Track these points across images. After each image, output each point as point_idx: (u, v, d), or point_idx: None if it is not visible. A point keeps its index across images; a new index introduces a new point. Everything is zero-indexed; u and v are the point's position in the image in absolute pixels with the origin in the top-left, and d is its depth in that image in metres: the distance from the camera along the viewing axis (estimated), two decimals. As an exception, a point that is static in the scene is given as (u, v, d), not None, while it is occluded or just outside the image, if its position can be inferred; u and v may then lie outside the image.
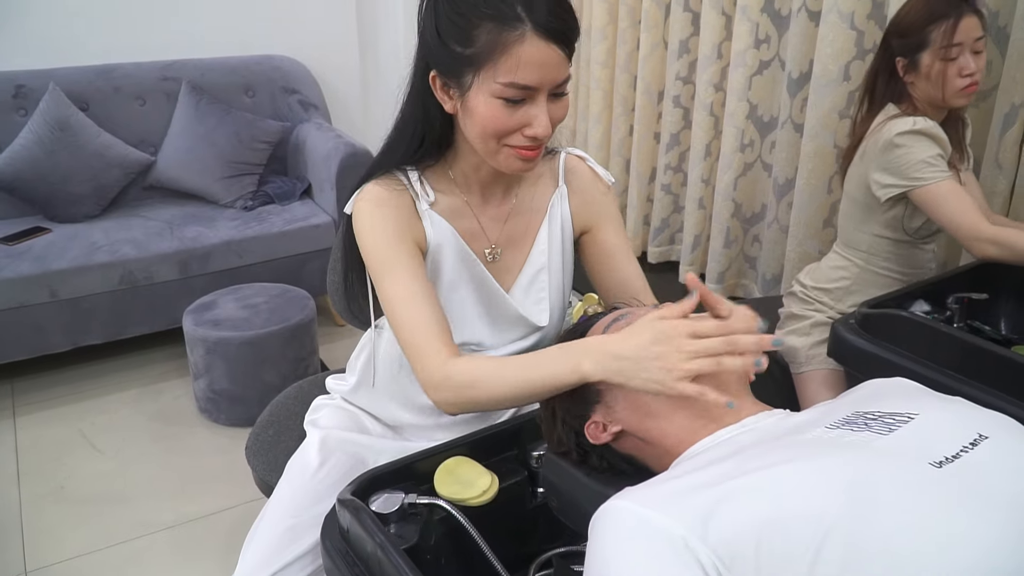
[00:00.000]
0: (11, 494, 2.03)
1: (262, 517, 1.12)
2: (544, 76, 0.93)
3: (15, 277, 2.29)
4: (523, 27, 0.90)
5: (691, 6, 2.66)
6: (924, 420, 0.67)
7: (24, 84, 2.62)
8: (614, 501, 0.64)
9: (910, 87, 1.60)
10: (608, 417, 0.86)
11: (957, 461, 0.61)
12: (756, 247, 2.71)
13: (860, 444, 0.65)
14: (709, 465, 0.67)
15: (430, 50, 0.98)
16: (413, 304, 0.99)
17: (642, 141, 3.00)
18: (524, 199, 1.15)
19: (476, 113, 0.95)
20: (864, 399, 0.76)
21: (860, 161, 1.62)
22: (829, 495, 0.58)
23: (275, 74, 3.05)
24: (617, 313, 0.93)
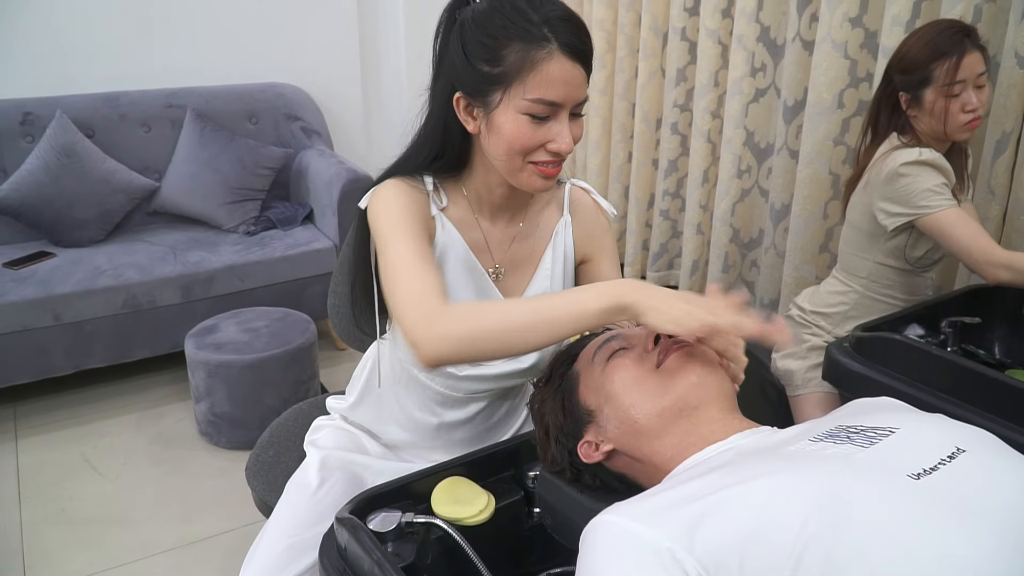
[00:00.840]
0: (12, 517, 2.03)
1: (261, 536, 1.13)
2: (568, 93, 0.97)
3: (19, 301, 2.32)
4: (550, 46, 0.95)
5: (688, 35, 2.71)
6: (904, 434, 0.69)
7: (31, 111, 2.67)
8: (603, 516, 0.66)
9: (913, 120, 1.62)
10: (600, 436, 0.88)
11: (935, 473, 0.63)
12: (754, 272, 2.73)
13: (841, 456, 0.66)
14: (694, 479, 0.69)
15: (456, 73, 1.01)
16: (418, 265, 0.98)
17: (640, 167, 3.04)
18: (530, 224, 1.18)
19: (503, 130, 0.99)
20: (849, 415, 0.78)
21: (864, 190, 1.64)
22: (808, 507, 0.59)
23: (278, 101, 3.09)
24: (610, 334, 0.95)
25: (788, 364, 1.76)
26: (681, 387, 0.82)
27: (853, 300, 1.70)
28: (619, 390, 0.86)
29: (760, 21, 2.40)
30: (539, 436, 0.97)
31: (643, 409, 0.83)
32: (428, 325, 0.91)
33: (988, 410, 1.29)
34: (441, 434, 1.22)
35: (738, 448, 0.77)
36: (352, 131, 3.47)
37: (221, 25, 3.06)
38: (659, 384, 0.84)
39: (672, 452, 0.81)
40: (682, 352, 0.85)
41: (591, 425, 0.89)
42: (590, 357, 0.92)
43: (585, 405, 0.90)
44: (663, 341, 0.88)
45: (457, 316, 0.91)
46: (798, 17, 2.24)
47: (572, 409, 0.91)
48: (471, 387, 1.16)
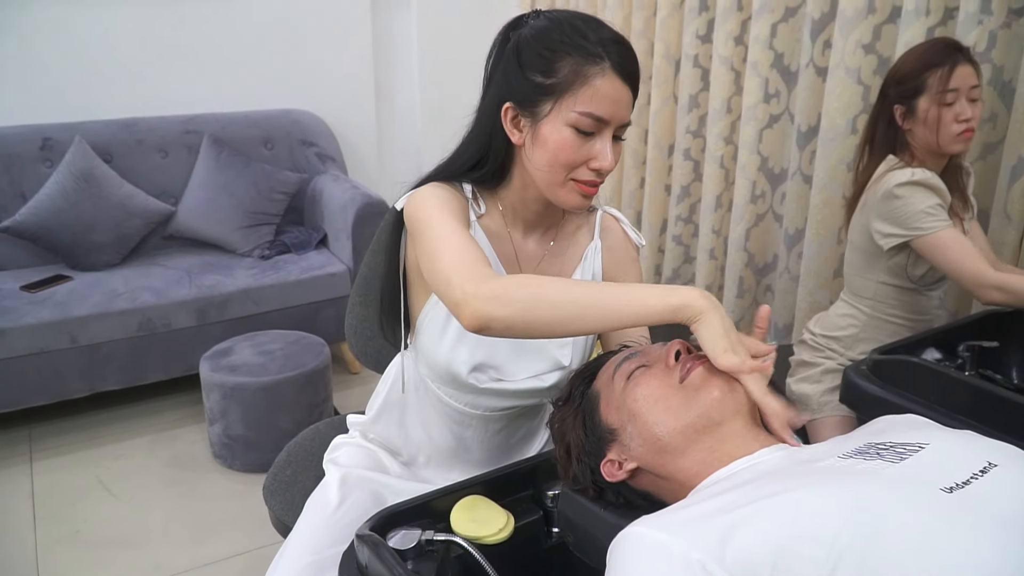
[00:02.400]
0: (28, 539, 2.03)
1: (281, 555, 1.13)
2: (616, 112, 0.99)
3: (36, 323, 2.33)
4: (603, 64, 0.98)
5: (700, 62, 2.73)
6: (934, 449, 0.69)
7: (51, 137, 2.71)
8: (632, 527, 0.65)
9: (908, 135, 1.63)
10: (623, 455, 0.87)
11: (968, 487, 0.62)
12: (768, 296, 2.73)
13: (871, 472, 0.66)
14: (723, 493, 0.69)
15: (508, 84, 1.03)
16: (464, 239, 0.97)
17: (653, 193, 3.05)
18: (562, 244, 1.19)
19: (548, 141, 1.01)
20: (876, 432, 0.77)
21: (861, 211, 1.65)
22: (841, 519, 0.59)
23: (293, 127, 3.13)
24: (628, 351, 0.96)
25: (803, 388, 1.75)
26: (704, 403, 0.82)
27: (862, 322, 1.70)
28: (642, 408, 0.85)
29: (774, 48, 2.43)
30: (560, 455, 0.97)
31: (667, 426, 0.83)
32: (477, 284, 0.90)
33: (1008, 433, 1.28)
34: (459, 454, 1.22)
35: (765, 463, 0.76)
36: (366, 157, 3.50)
37: (238, 53, 3.11)
38: (682, 401, 0.84)
39: (698, 468, 0.80)
40: (704, 368, 0.85)
41: (614, 444, 0.88)
42: (610, 375, 0.92)
43: (607, 424, 0.90)
44: (684, 356, 0.88)
45: (515, 280, 0.91)
46: (811, 44, 2.26)
47: (594, 428, 0.91)
48: (489, 403, 1.16)
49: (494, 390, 1.13)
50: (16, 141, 2.67)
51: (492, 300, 0.88)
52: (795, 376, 1.80)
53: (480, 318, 0.89)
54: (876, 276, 1.67)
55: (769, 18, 2.39)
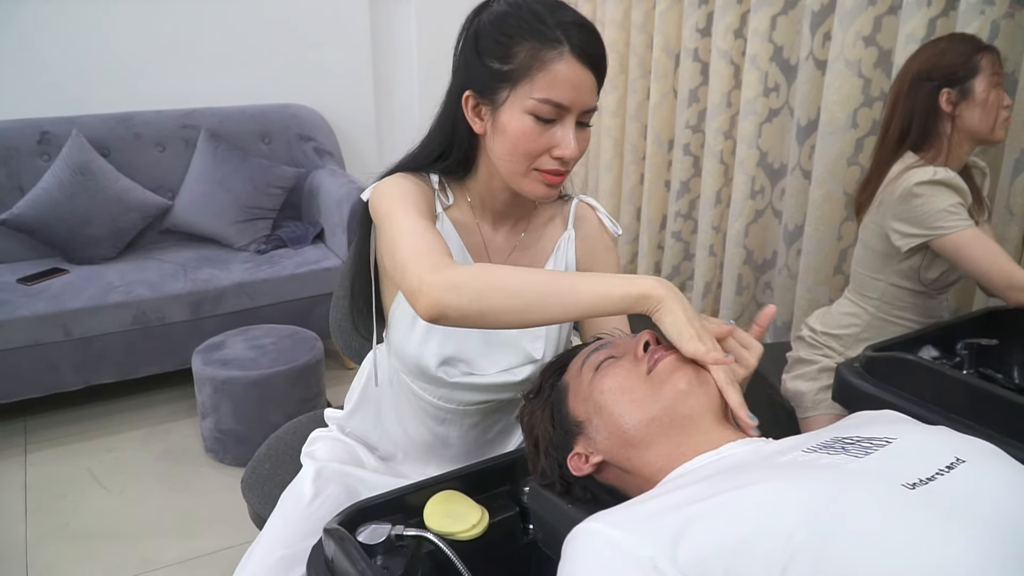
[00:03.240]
0: (18, 531, 2.03)
1: (254, 547, 1.11)
2: (576, 98, 0.96)
3: (30, 316, 2.33)
4: (562, 47, 0.95)
5: (700, 56, 2.70)
6: (901, 444, 0.66)
7: (48, 131, 2.70)
8: (586, 523, 0.63)
9: (954, 122, 1.54)
10: (589, 448, 0.85)
11: (932, 483, 0.60)
12: (767, 294, 2.70)
13: (833, 466, 0.64)
14: (682, 488, 0.66)
15: (467, 70, 1.01)
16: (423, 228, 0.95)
17: (653, 189, 3.02)
18: (533, 236, 1.17)
19: (507, 129, 0.98)
20: (847, 427, 0.75)
21: (877, 210, 1.61)
22: (798, 515, 0.56)
23: (291, 122, 3.12)
24: (599, 343, 0.93)
25: (798, 385, 1.72)
26: (670, 395, 0.80)
27: (866, 321, 1.67)
28: (608, 399, 0.83)
29: (773, 41, 2.39)
30: (529, 449, 0.94)
31: (632, 419, 0.81)
32: (434, 272, 0.87)
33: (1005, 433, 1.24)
34: (436, 449, 1.20)
35: (730, 458, 0.74)
36: (365, 151, 3.49)
37: (236, 47, 3.10)
38: (648, 393, 0.81)
39: (662, 463, 0.78)
40: (673, 359, 0.83)
41: (580, 437, 0.86)
42: (579, 367, 0.90)
43: (574, 416, 0.87)
44: (652, 347, 0.85)
45: (473, 269, 0.88)
46: (811, 36, 2.23)
47: (561, 421, 0.89)
48: (463, 397, 1.14)
49: (465, 384, 1.11)
50: (14, 135, 2.67)
51: (448, 289, 0.86)
52: (791, 373, 1.77)
53: (435, 307, 0.86)
54: (887, 277, 1.63)
55: (768, 11, 2.36)
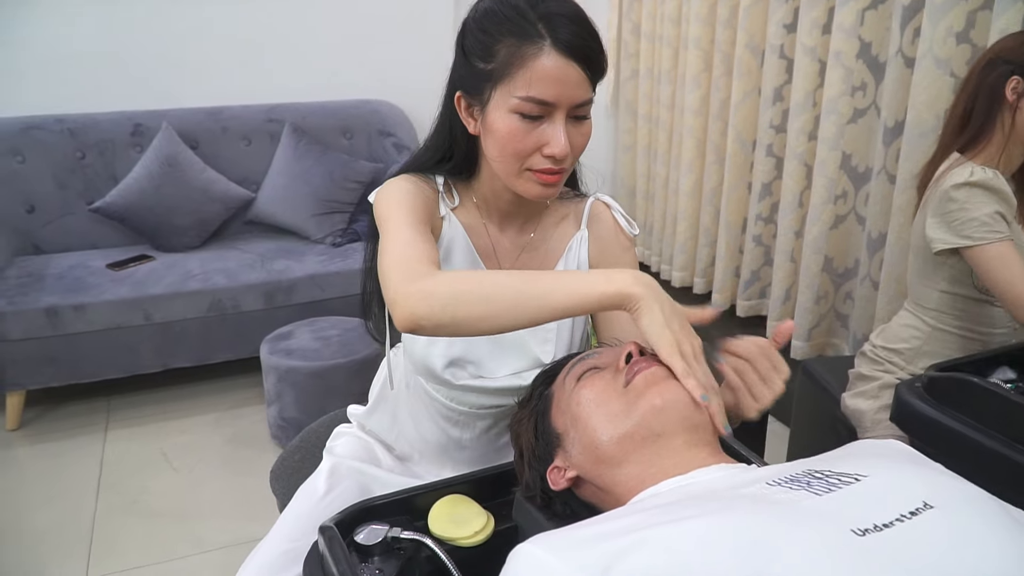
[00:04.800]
0: (89, 503, 2.14)
1: (264, 540, 1.13)
2: (561, 93, 0.92)
3: (114, 300, 2.46)
4: (542, 42, 0.91)
5: (786, 53, 2.58)
6: (869, 483, 0.60)
7: (141, 123, 2.85)
8: (524, 544, 0.60)
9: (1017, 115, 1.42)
10: (566, 462, 0.81)
11: (887, 530, 0.53)
12: (848, 304, 2.55)
13: (788, 503, 0.58)
14: (630, 515, 0.62)
15: (457, 69, 1.00)
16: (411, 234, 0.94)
17: (733, 191, 2.92)
18: (543, 235, 1.13)
19: (495, 130, 0.96)
20: (827, 458, 0.68)
21: (922, 210, 1.50)
22: (733, 553, 0.51)
23: (372, 118, 3.17)
24: (588, 352, 0.89)
25: (858, 403, 1.61)
26: (643, 410, 0.75)
27: (925, 334, 1.54)
28: (583, 411, 0.79)
29: (860, 37, 2.26)
30: (515, 459, 0.91)
31: (604, 434, 0.76)
32: (410, 282, 0.85)
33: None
34: (449, 451, 1.18)
35: (697, 484, 0.69)
36: (444, 148, 3.50)
37: (321, 44, 3.18)
38: (622, 407, 0.77)
39: (633, 483, 0.73)
40: (652, 372, 0.78)
41: (559, 449, 0.82)
42: (563, 377, 0.86)
43: (555, 428, 0.84)
44: (635, 359, 0.81)
45: (445, 277, 0.86)
46: (900, 32, 2.09)
47: (544, 432, 0.85)
48: (473, 400, 1.11)
49: (473, 387, 1.09)
50: (109, 127, 2.83)
51: (421, 299, 0.83)
52: (851, 391, 1.66)
53: (409, 318, 0.84)
54: (938, 284, 1.51)
55: (857, 5, 2.22)
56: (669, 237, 3.38)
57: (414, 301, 0.84)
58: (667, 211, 3.38)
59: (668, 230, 3.39)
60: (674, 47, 3.16)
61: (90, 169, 2.82)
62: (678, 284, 3.32)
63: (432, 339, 1.07)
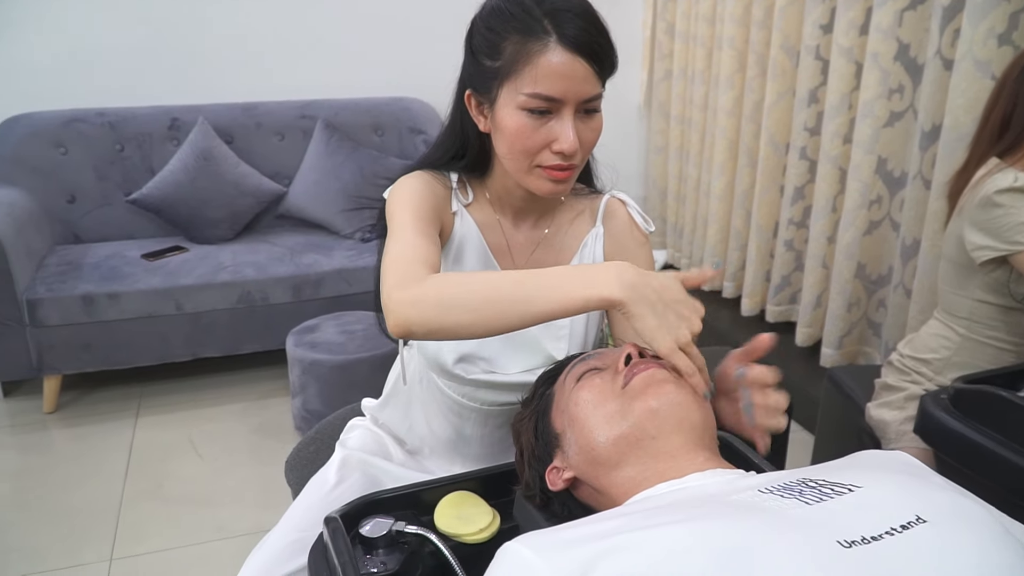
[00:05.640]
0: (116, 488, 2.19)
1: (275, 528, 1.14)
2: (568, 88, 0.92)
3: (147, 289, 2.51)
4: (548, 38, 0.91)
5: (822, 54, 2.54)
6: (862, 495, 0.58)
7: (178, 117, 2.90)
8: (510, 543, 0.60)
9: None
10: (564, 462, 0.81)
11: (875, 543, 0.52)
12: (881, 312, 2.50)
13: (775, 511, 0.57)
14: (616, 517, 0.61)
15: (466, 67, 1.01)
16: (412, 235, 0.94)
17: (765, 194, 2.88)
18: (557, 232, 1.13)
19: (504, 127, 0.96)
20: (827, 467, 0.67)
21: (957, 217, 1.46)
22: (709, 560, 0.51)
23: (404, 115, 3.19)
24: (588, 353, 0.88)
25: (883, 414, 1.57)
26: (639, 412, 0.74)
27: (956, 344, 1.50)
28: (581, 412, 0.78)
29: (899, 38, 2.21)
30: (516, 458, 0.91)
31: (600, 435, 0.76)
32: (402, 288, 0.85)
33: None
34: (459, 447, 1.19)
35: (691, 490, 0.68)
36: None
37: (354, 42, 3.21)
38: (618, 408, 0.76)
39: (628, 486, 0.73)
40: (650, 374, 0.77)
41: (558, 450, 0.82)
42: (564, 377, 0.86)
43: (554, 428, 0.83)
44: (635, 361, 0.80)
45: (435, 282, 0.85)
46: (939, 33, 2.04)
47: (543, 432, 0.85)
48: (485, 396, 1.11)
49: (484, 382, 1.09)
50: (147, 120, 2.88)
51: (410, 305, 0.83)
52: (877, 400, 1.62)
53: (400, 324, 0.84)
54: (972, 293, 1.47)
55: (895, 5, 2.18)
56: (699, 240, 3.35)
57: (404, 308, 0.84)
58: (698, 213, 3.35)
59: (698, 232, 3.36)
60: (708, 47, 3.13)
61: (128, 161, 2.88)
62: (707, 287, 3.28)
63: None
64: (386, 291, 0.87)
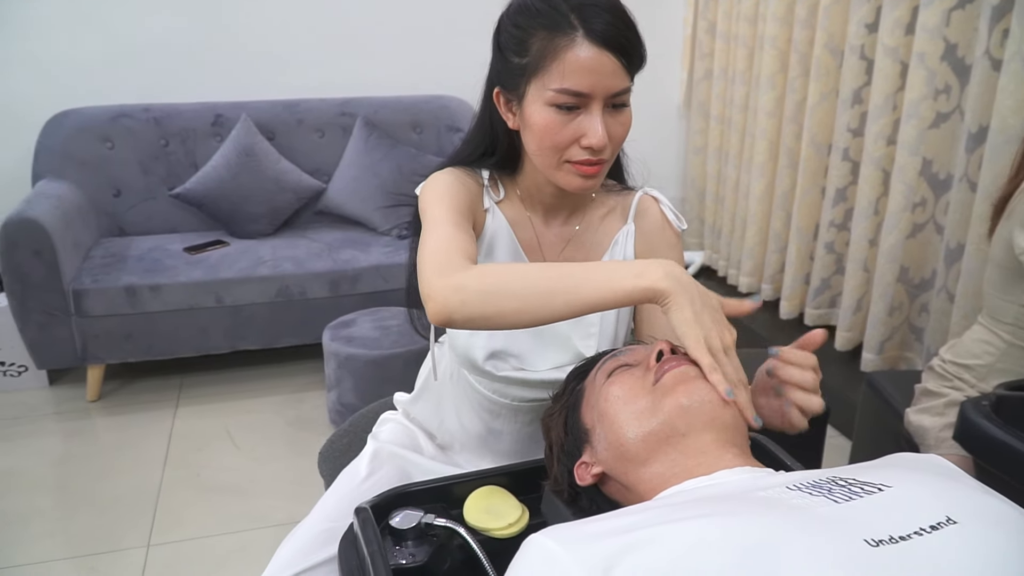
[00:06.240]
0: (155, 475, 2.24)
1: (307, 517, 1.16)
2: (596, 83, 0.92)
3: (188, 282, 2.56)
4: (574, 33, 0.91)
5: (866, 54, 2.50)
6: (892, 494, 0.57)
7: (222, 114, 2.95)
8: (536, 535, 0.60)
9: None
10: (593, 458, 0.81)
11: (903, 543, 0.51)
12: (923, 317, 2.45)
13: (802, 508, 0.56)
14: (643, 511, 0.61)
15: (494, 65, 1.02)
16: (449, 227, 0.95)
17: (805, 195, 2.84)
18: (588, 229, 1.13)
19: (532, 123, 0.96)
20: (859, 467, 0.66)
21: (1007, 221, 1.42)
22: (732, 556, 0.50)
23: (442, 113, 3.20)
24: (620, 350, 0.88)
25: (922, 420, 1.54)
26: (669, 409, 0.74)
27: (1000, 350, 1.47)
28: (611, 408, 0.78)
29: (946, 38, 2.16)
30: (546, 453, 0.91)
31: (629, 431, 0.76)
32: (443, 275, 0.86)
33: None
34: (489, 443, 1.19)
35: (719, 486, 0.67)
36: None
37: (394, 40, 3.24)
38: (649, 405, 0.76)
39: (656, 482, 0.72)
40: (682, 371, 0.76)
41: (587, 445, 0.82)
42: (595, 373, 0.86)
43: (584, 423, 0.83)
44: (666, 357, 0.79)
45: (479, 271, 0.86)
46: (988, 33, 1.99)
47: (573, 427, 0.85)
48: (516, 393, 1.12)
49: (515, 379, 1.09)
50: (192, 116, 2.94)
51: (452, 292, 0.84)
52: (916, 406, 1.59)
53: (441, 312, 0.85)
54: (1019, 298, 1.43)
55: (942, 4, 2.13)
56: (738, 241, 3.32)
57: (446, 295, 0.84)
58: (736, 215, 3.31)
59: (737, 234, 3.32)
60: (749, 47, 3.09)
61: (173, 157, 2.94)
62: (745, 289, 3.25)
63: (474, 331, 1.07)
64: (426, 279, 0.87)
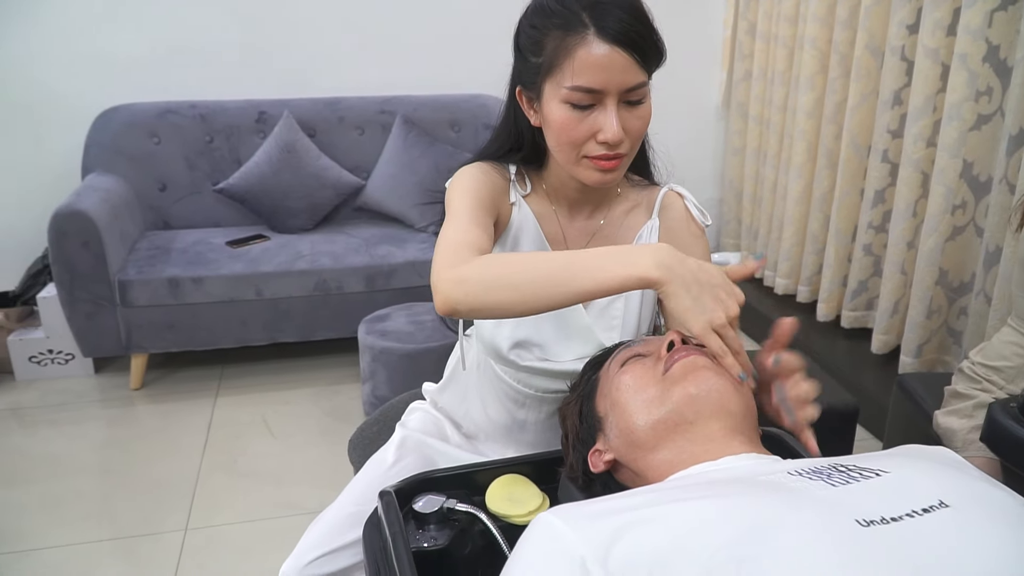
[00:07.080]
0: (194, 461, 2.31)
1: (335, 501, 1.19)
2: (609, 79, 0.94)
3: (229, 275, 2.63)
4: (586, 31, 0.93)
5: (907, 55, 2.47)
6: (888, 478, 0.58)
7: (265, 111, 3.02)
8: (544, 513, 0.62)
9: None
10: (606, 445, 0.83)
11: (894, 524, 0.52)
12: (962, 320, 2.42)
13: (799, 491, 0.57)
14: (646, 493, 0.63)
15: (515, 65, 1.05)
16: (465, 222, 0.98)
17: (844, 197, 2.81)
18: (612, 223, 1.15)
19: (550, 121, 0.99)
20: (862, 456, 0.67)
21: None
22: (728, 535, 0.52)
23: (480, 111, 3.24)
24: (632, 341, 0.90)
25: (950, 422, 1.53)
26: (678, 398, 0.75)
27: (1031, 352, 1.45)
28: (621, 397, 0.80)
29: (988, 39, 2.13)
30: (561, 440, 0.94)
31: (639, 419, 0.78)
32: (450, 267, 0.90)
33: None
34: (514, 433, 1.21)
35: (721, 471, 0.69)
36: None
37: (433, 40, 3.29)
38: (658, 393, 0.78)
39: (664, 468, 0.74)
40: (691, 360, 0.78)
41: (600, 433, 0.84)
42: (609, 362, 0.88)
43: (597, 412, 0.86)
44: (676, 347, 0.81)
45: (480, 262, 0.89)
46: (1032, 34, 1.96)
47: (588, 415, 0.87)
48: (540, 383, 1.14)
49: (538, 369, 1.11)
50: (236, 113, 3.02)
51: (456, 284, 0.88)
52: (945, 408, 1.58)
53: (445, 302, 0.89)
54: None
55: (985, 5, 2.10)
56: (775, 242, 3.29)
57: (449, 287, 0.88)
58: (774, 216, 3.29)
59: (774, 235, 3.30)
60: (789, 48, 3.07)
61: (217, 152, 3.02)
62: (781, 292, 3.22)
63: (498, 321, 1.10)
64: (435, 271, 0.91)
